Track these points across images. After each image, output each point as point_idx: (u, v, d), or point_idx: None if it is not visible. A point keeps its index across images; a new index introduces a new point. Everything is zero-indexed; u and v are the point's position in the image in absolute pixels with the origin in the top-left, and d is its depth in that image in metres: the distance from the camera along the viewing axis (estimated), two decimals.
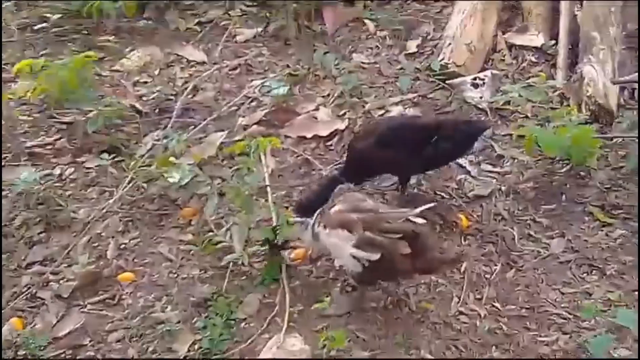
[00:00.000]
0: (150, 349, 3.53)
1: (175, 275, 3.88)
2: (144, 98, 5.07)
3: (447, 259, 3.52)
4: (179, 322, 3.62)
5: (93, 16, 5.52)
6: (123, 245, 4.06)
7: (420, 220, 3.40)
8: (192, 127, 4.74)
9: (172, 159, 4.35)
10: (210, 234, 3.98)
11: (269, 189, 4.18)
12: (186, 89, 5.10)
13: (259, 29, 5.72)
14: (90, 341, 3.60)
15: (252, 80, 5.20)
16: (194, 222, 4.17)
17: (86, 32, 5.67)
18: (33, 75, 4.67)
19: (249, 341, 3.50)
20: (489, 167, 4.36)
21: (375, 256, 3.30)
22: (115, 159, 4.46)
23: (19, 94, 4.80)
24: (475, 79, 4.84)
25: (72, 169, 4.54)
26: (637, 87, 4.71)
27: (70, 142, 4.71)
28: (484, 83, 4.80)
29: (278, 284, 3.73)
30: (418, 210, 3.41)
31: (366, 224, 3.32)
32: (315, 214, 3.56)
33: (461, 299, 3.63)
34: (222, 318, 3.58)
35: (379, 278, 3.50)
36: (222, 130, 4.70)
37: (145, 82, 5.23)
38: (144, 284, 3.84)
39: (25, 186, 4.19)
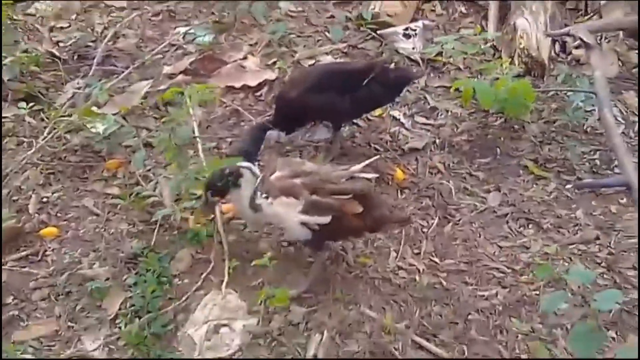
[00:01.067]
0: (79, 307, 3.37)
1: (102, 230, 3.71)
2: (62, 44, 4.82)
3: (397, 217, 3.44)
4: (108, 279, 3.46)
5: None
6: (45, 199, 3.86)
7: (370, 175, 3.34)
8: (115, 75, 4.52)
9: (94, 108, 4.14)
10: (138, 187, 3.81)
11: (198, 140, 4.01)
12: (106, 35, 4.86)
13: None
14: (13, 299, 3.41)
15: (175, 28, 4.99)
16: (119, 175, 3.98)
17: None
18: None
19: (184, 298, 3.36)
20: (423, 120, 4.29)
21: (326, 219, 3.17)
22: (34, 108, 4.22)
23: None
24: (407, 29, 4.77)
25: None
26: (567, 40, 4.69)
27: None
28: (415, 34, 4.73)
29: (211, 240, 3.58)
30: (361, 166, 3.31)
31: (311, 188, 3.18)
32: (255, 184, 3.28)
33: (399, 254, 3.57)
34: (153, 275, 3.43)
35: (330, 240, 3.39)
36: (147, 79, 4.49)
37: (62, 28, 4.97)
38: (69, 240, 3.67)
39: None
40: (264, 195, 3.20)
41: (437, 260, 3.56)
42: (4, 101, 4.37)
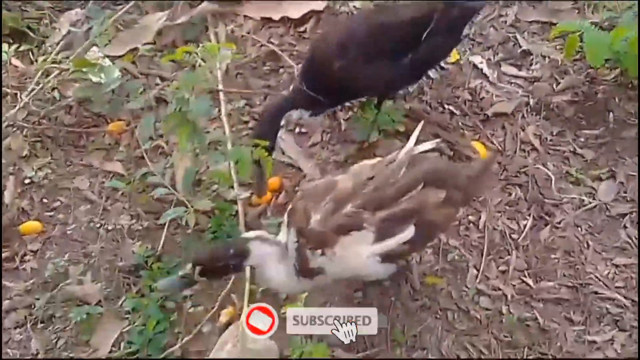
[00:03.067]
0: (61, 342, 2.60)
1: (98, 225, 2.89)
2: None
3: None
4: (100, 301, 2.66)
5: None
6: (28, 179, 3.03)
7: (431, 144, 2.47)
8: (120, 5, 3.58)
9: (95, 50, 3.26)
10: (144, 169, 2.97)
11: (222, 99, 3.12)
12: None
13: None
14: None
15: None
16: (123, 144, 3.13)
17: None
18: None
19: (195, 331, 2.56)
20: (513, 70, 3.30)
21: (409, 231, 2.27)
22: (20, 49, 3.35)
23: None
24: None
25: None
26: None
27: None
28: None
29: None
30: (412, 140, 2.41)
31: (370, 205, 2.25)
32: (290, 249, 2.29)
33: (480, 272, 2.68)
34: (159, 295, 2.63)
35: (419, 250, 2.59)
36: (162, 10, 3.55)
37: None
38: (55, 239, 2.90)
39: None
40: (317, 252, 2.26)
41: (530, 282, 2.68)
42: None
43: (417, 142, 2.42)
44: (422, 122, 2.56)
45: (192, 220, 2.70)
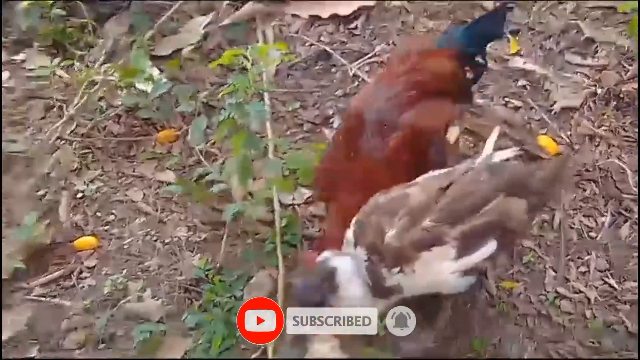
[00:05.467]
0: None
1: (154, 238, 2.79)
2: None
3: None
4: (162, 318, 2.55)
5: None
6: (80, 193, 2.93)
7: (510, 152, 2.29)
8: (164, 10, 3.48)
9: (138, 59, 3.15)
10: (200, 169, 2.86)
11: (266, 99, 3.01)
12: None
13: None
14: (38, 350, 2.54)
15: None
16: (175, 151, 3.03)
17: None
18: None
19: (262, 347, 2.44)
20: (577, 59, 3.15)
21: (491, 245, 2.11)
22: (65, 61, 3.26)
23: None
24: None
25: (8, 73, 3.34)
26: None
27: (5, 32, 3.48)
28: None
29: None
30: (490, 145, 2.28)
31: (450, 217, 2.09)
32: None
33: (559, 274, 2.54)
34: (222, 309, 2.52)
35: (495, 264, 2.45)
36: (205, 13, 3.45)
37: None
38: (111, 254, 2.78)
39: None
40: (394, 270, 2.10)
41: (613, 283, 2.53)
42: (29, 47, 3.41)
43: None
44: (498, 128, 2.41)
45: (253, 214, 2.56)
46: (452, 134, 2.49)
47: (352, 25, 3.38)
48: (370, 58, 3.25)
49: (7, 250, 2.73)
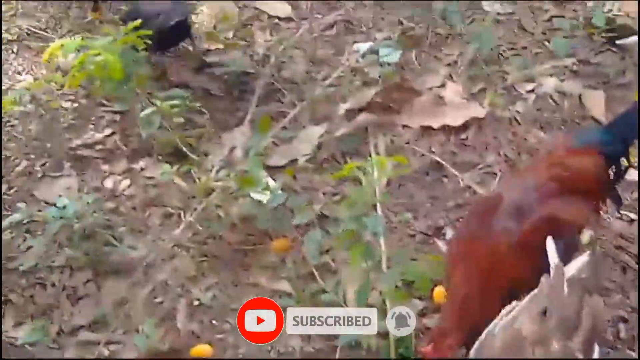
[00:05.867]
0: None
1: (269, 348, 2.81)
2: (216, 71, 3.90)
3: None
4: None
5: None
6: (197, 301, 2.99)
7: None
8: (280, 116, 3.58)
9: (255, 169, 3.23)
10: (314, 285, 2.90)
11: (379, 211, 3.04)
12: (269, 58, 3.92)
13: None
14: None
15: (353, 43, 3.99)
16: (289, 262, 3.07)
17: None
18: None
19: None
20: None
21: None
22: (182, 167, 3.37)
23: (58, 81, 3.72)
24: None
25: (128, 181, 3.47)
26: None
27: (125, 140, 3.63)
28: None
29: None
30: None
31: (565, 334, 2.09)
32: None
33: None
34: None
35: None
36: (318, 123, 3.54)
37: (217, 50, 4.05)
38: None
39: (66, 216, 3.12)
40: None
41: None
42: (148, 156, 3.54)
43: None
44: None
45: (373, 344, 2.58)
46: (585, 235, 2.48)
47: (463, 136, 3.43)
48: (481, 169, 3.26)
49: (125, 356, 2.79)
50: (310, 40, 4.01)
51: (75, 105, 3.77)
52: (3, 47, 4.08)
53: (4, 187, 3.42)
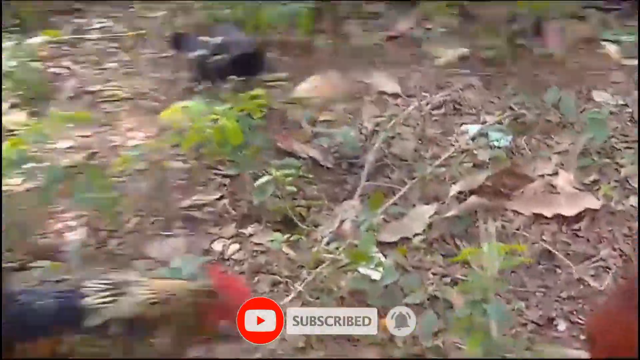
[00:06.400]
0: None
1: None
2: (324, 143, 3.95)
3: None
4: None
5: None
6: None
7: None
8: (390, 192, 3.60)
9: (367, 244, 3.24)
10: None
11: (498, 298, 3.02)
12: (377, 132, 3.97)
13: (464, 50, 4.50)
14: None
15: (461, 124, 4.02)
16: (399, 341, 3.05)
17: None
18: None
19: None
20: None
21: None
22: (292, 237, 3.39)
23: (172, 141, 3.80)
24: None
25: (237, 245, 3.50)
26: None
27: (234, 204, 3.67)
28: None
29: None
30: None
31: None
32: None
33: None
34: None
35: None
36: (428, 202, 3.55)
37: (327, 122, 4.11)
38: None
39: (178, 277, 3.14)
40: None
41: None
42: (257, 223, 3.58)
43: None
44: None
45: None
46: None
47: (576, 227, 3.40)
48: (595, 262, 3.23)
49: None
50: (418, 118, 4.04)
51: (187, 166, 3.81)
52: (116, 104, 4.19)
53: (114, 242, 3.46)
